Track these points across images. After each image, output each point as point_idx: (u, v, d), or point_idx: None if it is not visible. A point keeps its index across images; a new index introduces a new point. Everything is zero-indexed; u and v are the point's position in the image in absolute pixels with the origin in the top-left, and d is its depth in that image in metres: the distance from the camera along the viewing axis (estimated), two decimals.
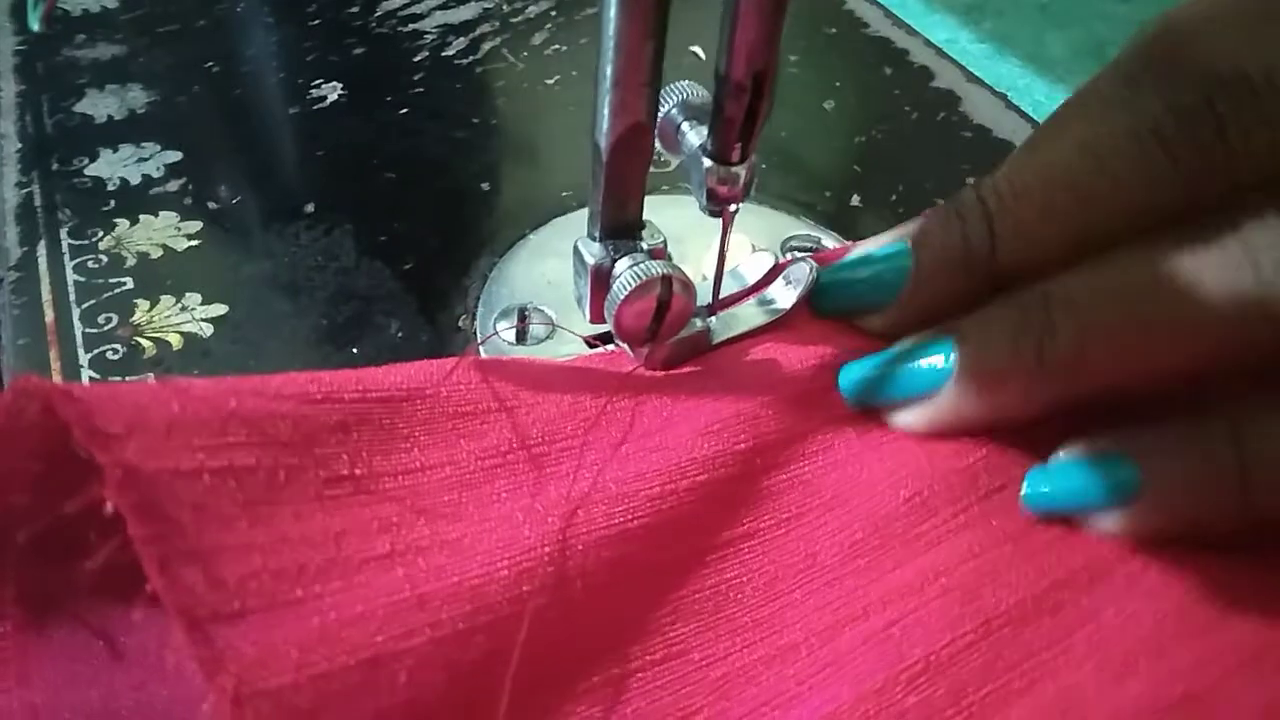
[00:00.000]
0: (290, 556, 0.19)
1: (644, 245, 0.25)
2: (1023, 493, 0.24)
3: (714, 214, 0.26)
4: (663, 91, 0.25)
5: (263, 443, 0.21)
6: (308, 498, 0.21)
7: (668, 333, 0.25)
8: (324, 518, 0.20)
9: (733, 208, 0.26)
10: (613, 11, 0.21)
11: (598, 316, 0.25)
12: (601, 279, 0.25)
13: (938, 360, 0.25)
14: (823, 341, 0.28)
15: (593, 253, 0.25)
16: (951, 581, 0.23)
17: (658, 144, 0.26)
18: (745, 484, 0.24)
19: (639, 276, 0.24)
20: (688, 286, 0.25)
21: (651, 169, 0.25)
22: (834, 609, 0.23)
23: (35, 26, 0.22)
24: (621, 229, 0.25)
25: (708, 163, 0.25)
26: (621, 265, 0.24)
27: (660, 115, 0.26)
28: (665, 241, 0.25)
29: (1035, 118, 0.41)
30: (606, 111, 0.22)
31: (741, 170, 0.25)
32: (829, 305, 0.28)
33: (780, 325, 0.28)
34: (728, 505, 0.24)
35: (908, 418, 0.26)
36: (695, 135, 0.25)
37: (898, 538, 0.24)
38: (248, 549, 0.19)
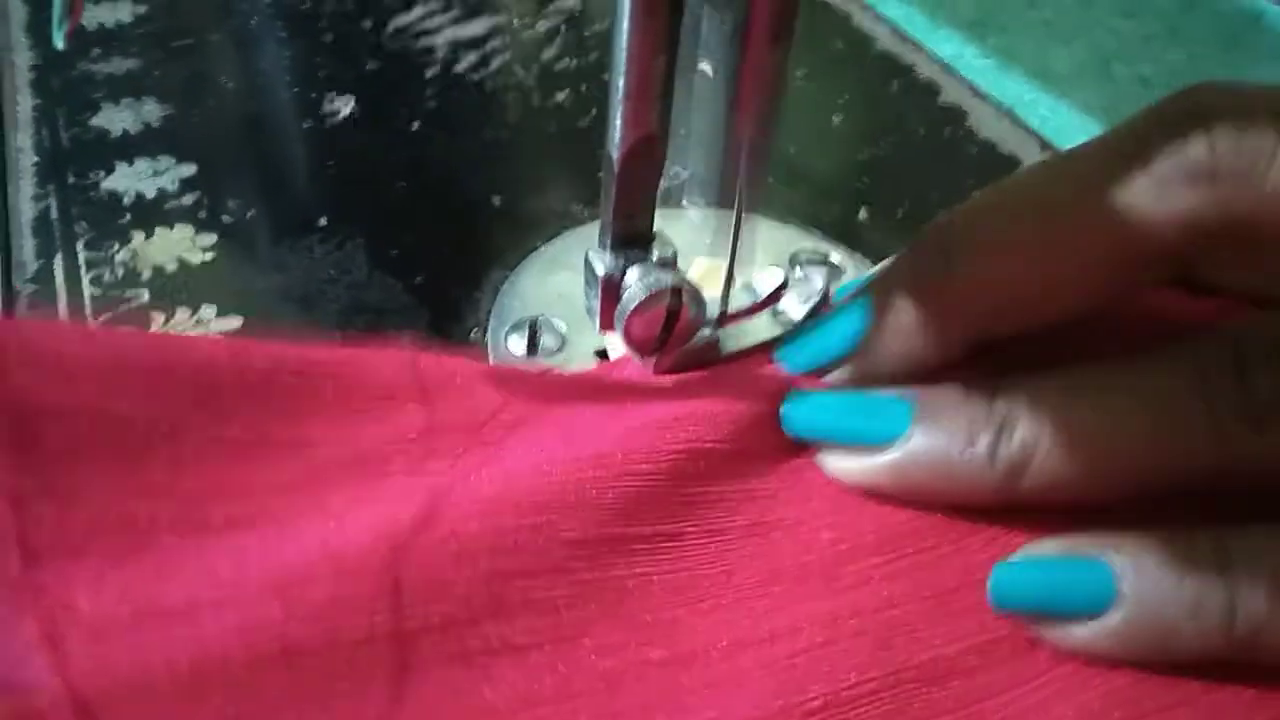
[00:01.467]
0: (149, 507, 0.20)
1: (655, 256, 0.25)
2: (988, 587, 0.23)
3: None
4: None
5: (153, 393, 0.21)
6: (186, 453, 0.21)
7: (676, 343, 0.26)
8: (197, 476, 0.21)
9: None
10: (625, 24, 0.21)
11: (608, 326, 0.26)
12: (612, 289, 0.25)
13: (891, 423, 0.24)
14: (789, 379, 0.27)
15: (603, 263, 0.25)
16: (865, 624, 0.22)
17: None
18: (675, 486, 0.24)
19: (649, 287, 0.24)
20: (698, 297, 0.25)
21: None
22: (740, 626, 0.22)
23: (59, 44, 0.22)
24: (632, 240, 0.25)
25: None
26: (632, 275, 0.25)
27: None
28: (676, 252, 0.26)
29: (1041, 133, 0.41)
30: (619, 123, 0.23)
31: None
32: (795, 365, 0.27)
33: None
34: (650, 503, 0.23)
35: (843, 466, 0.24)
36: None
37: (818, 574, 0.23)
38: (107, 494, 0.20)
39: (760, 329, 0.28)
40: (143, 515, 0.20)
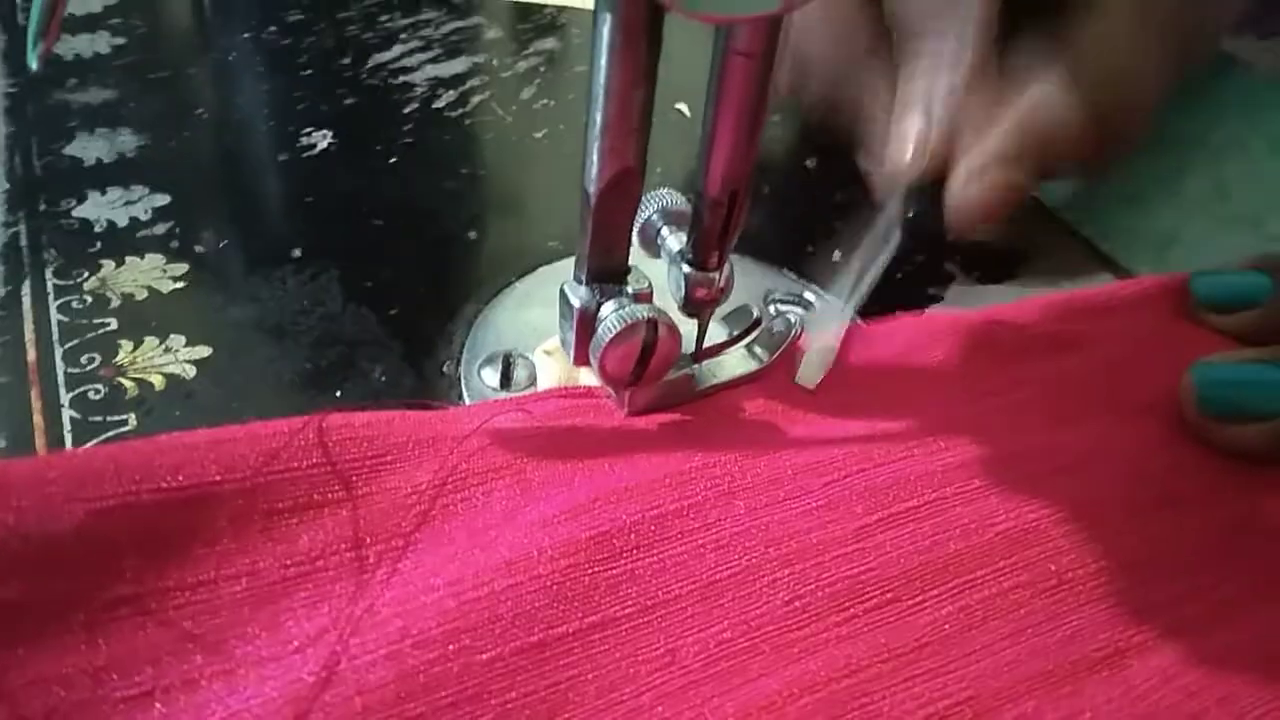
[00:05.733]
0: (42, 701, 0.19)
1: (630, 289, 0.25)
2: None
3: (692, 315, 0.27)
4: (644, 198, 0.26)
5: (38, 567, 0.20)
6: (77, 627, 0.20)
7: (652, 376, 0.26)
8: (89, 651, 0.20)
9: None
10: (603, 60, 0.21)
11: (583, 359, 0.26)
12: (587, 322, 0.25)
13: None
14: (765, 410, 0.28)
15: (579, 296, 0.25)
16: (816, 702, 0.21)
17: (638, 244, 0.27)
18: (605, 568, 0.23)
19: (624, 320, 0.24)
20: (673, 330, 0.25)
21: None
22: None
23: (34, 65, 0.22)
24: (608, 273, 0.25)
25: (687, 268, 0.26)
26: (607, 308, 0.25)
27: (641, 220, 0.27)
28: (651, 286, 0.26)
29: None
30: (596, 157, 0.23)
31: (717, 275, 0.26)
32: (1206, 293, 0.32)
33: (759, 378, 0.28)
34: (573, 596, 0.22)
35: (1253, 435, 0.27)
36: (675, 240, 0.26)
37: (769, 641, 0.22)
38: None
39: (734, 365, 0.28)
40: (37, 713, 0.19)
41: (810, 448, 0.26)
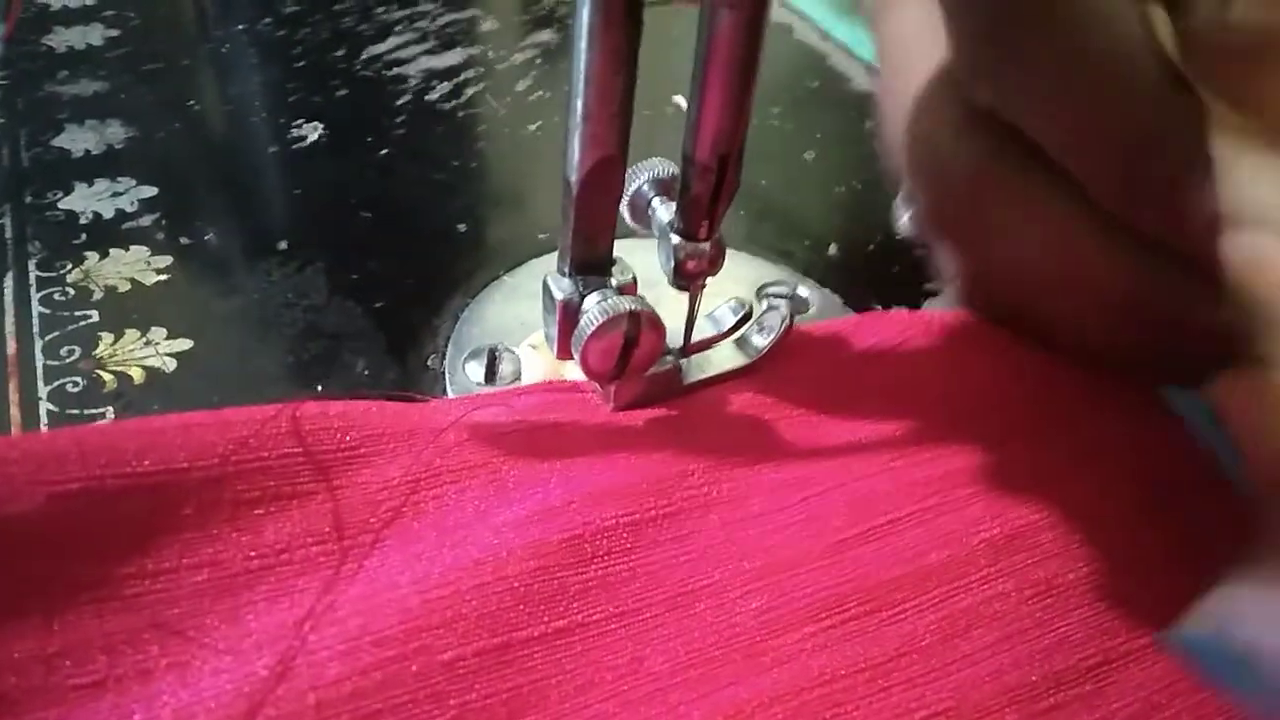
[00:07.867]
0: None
1: (613, 282, 0.25)
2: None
3: (682, 288, 0.26)
4: (633, 168, 0.25)
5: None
6: (32, 612, 0.20)
7: (635, 370, 0.25)
8: (42, 637, 0.19)
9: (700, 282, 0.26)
10: (583, 44, 0.21)
11: (565, 352, 0.25)
12: (570, 314, 0.24)
13: None
14: (753, 407, 0.27)
15: (562, 288, 0.24)
16: (787, 711, 0.20)
17: (628, 216, 0.26)
18: (575, 572, 0.22)
19: (606, 312, 0.24)
20: (657, 324, 0.24)
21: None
22: None
23: None
24: (591, 265, 0.25)
25: (676, 239, 0.25)
26: (590, 301, 0.24)
27: (630, 191, 0.26)
28: (635, 278, 0.25)
29: None
30: (577, 145, 0.22)
31: (708, 246, 0.25)
32: None
33: (750, 372, 0.28)
34: (542, 599, 0.21)
35: None
36: (664, 211, 0.25)
37: (741, 650, 0.21)
38: None
39: (724, 359, 0.28)
40: None
41: (791, 458, 0.26)
